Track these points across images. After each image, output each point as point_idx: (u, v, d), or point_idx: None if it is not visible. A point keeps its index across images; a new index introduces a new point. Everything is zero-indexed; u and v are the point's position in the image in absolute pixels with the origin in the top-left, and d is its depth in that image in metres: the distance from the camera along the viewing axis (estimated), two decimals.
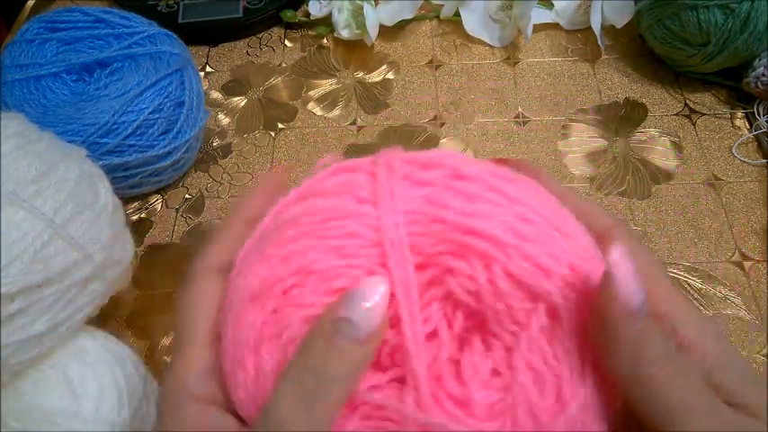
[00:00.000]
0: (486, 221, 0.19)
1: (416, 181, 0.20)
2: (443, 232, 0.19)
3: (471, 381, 0.19)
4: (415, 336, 0.18)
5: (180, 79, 0.47)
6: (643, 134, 0.53)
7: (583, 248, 0.20)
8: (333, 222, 0.20)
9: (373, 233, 0.19)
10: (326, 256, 0.19)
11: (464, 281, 0.19)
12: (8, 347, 0.31)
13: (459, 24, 0.61)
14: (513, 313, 0.19)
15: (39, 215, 0.32)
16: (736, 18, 0.48)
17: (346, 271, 0.19)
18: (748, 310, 0.43)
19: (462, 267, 0.19)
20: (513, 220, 0.19)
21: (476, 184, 0.20)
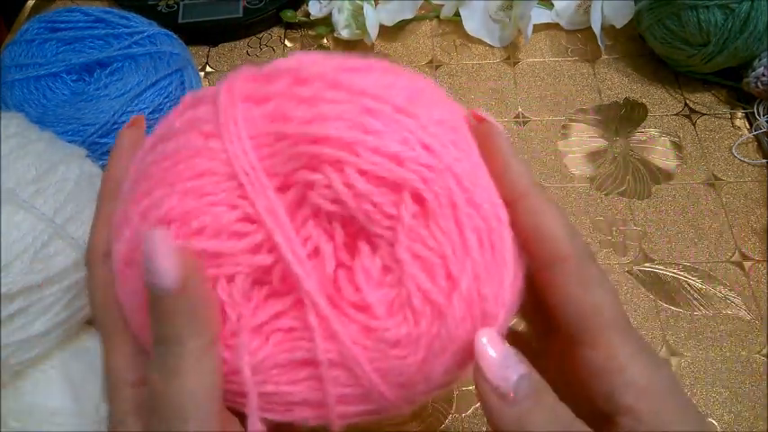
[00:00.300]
0: (328, 125, 0.18)
1: (259, 98, 0.20)
2: (291, 147, 0.19)
3: (366, 284, 0.19)
4: (298, 258, 0.18)
5: (180, 79, 0.47)
6: (643, 134, 0.53)
7: (434, 122, 0.19)
8: (181, 165, 0.19)
9: (224, 166, 0.19)
10: (182, 201, 0.19)
11: (324, 191, 0.19)
12: (8, 347, 0.31)
13: (459, 24, 0.61)
14: (382, 209, 0.18)
15: (39, 215, 0.32)
16: (736, 18, 0.48)
17: (207, 209, 0.18)
18: (748, 310, 0.43)
19: (318, 179, 0.19)
20: (356, 115, 0.18)
21: (317, 84, 0.19)
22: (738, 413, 0.39)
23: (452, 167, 0.18)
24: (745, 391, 0.39)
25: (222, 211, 0.18)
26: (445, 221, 0.18)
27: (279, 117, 0.19)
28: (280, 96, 0.19)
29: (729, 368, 0.40)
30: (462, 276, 0.18)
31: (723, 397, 0.39)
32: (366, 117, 0.18)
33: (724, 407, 0.39)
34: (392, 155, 0.18)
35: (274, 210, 0.18)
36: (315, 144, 0.18)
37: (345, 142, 0.18)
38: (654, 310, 0.43)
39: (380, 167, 0.18)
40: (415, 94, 0.20)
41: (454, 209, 0.18)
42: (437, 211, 0.18)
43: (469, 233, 0.18)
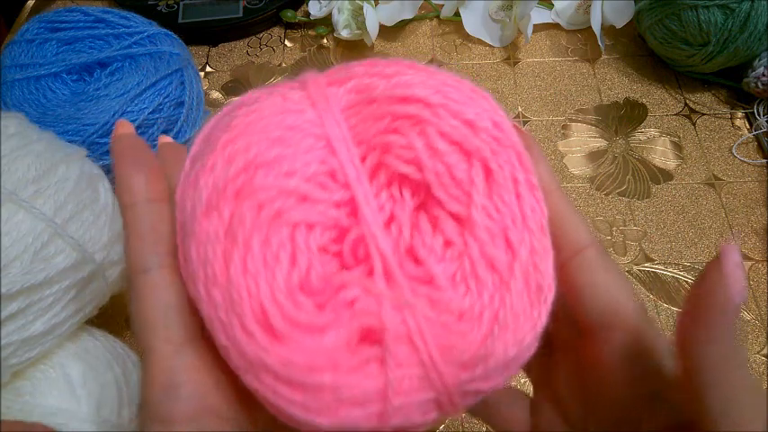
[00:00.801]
0: (412, 88, 0.19)
1: (341, 80, 0.20)
2: (377, 110, 0.19)
3: (428, 259, 0.19)
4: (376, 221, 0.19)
5: (180, 79, 0.47)
6: (643, 134, 0.53)
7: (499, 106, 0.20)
8: (272, 119, 0.19)
9: (314, 127, 0.19)
10: (272, 148, 0.18)
11: (402, 152, 0.19)
12: (8, 347, 0.31)
13: (459, 24, 0.61)
14: (453, 173, 0.19)
15: (39, 215, 0.32)
16: (736, 18, 0.48)
17: (299, 156, 0.19)
18: (748, 310, 0.43)
19: (398, 140, 0.19)
20: (436, 83, 0.20)
21: (395, 66, 0.20)
22: None
23: (516, 146, 0.20)
24: None
25: (312, 161, 0.19)
26: (508, 194, 0.19)
27: (364, 88, 0.20)
28: (362, 75, 0.20)
29: None
30: (521, 247, 0.19)
31: None
32: (446, 88, 0.20)
33: None
34: (469, 121, 0.19)
35: (359, 174, 0.19)
36: (399, 103, 0.19)
37: (428, 102, 0.19)
38: (654, 310, 0.43)
39: (458, 132, 0.19)
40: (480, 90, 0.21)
41: (516, 183, 0.19)
42: (502, 183, 0.19)
43: (527, 209, 0.19)
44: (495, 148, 0.19)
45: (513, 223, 0.19)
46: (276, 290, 0.17)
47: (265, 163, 0.18)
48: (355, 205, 0.19)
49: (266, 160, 0.18)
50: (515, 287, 0.18)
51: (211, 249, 0.18)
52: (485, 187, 0.19)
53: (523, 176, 0.19)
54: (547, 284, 0.19)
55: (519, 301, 0.18)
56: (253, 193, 0.18)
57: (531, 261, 0.19)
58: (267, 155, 0.18)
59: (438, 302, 0.18)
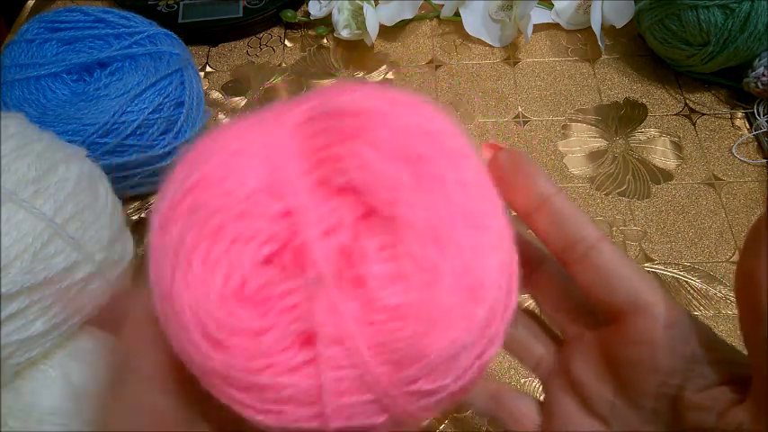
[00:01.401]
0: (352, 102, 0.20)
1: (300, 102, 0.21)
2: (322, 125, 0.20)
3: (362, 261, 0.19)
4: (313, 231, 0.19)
5: (180, 79, 0.47)
6: (643, 134, 0.53)
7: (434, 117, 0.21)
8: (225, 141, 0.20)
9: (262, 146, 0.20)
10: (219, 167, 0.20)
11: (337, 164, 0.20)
12: (8, 347, 0.31)
13: (459, 24, 0.61)
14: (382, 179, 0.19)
15: (39, 215, 0.32)
16: (736, 18, 0.48)
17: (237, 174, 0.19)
18: None
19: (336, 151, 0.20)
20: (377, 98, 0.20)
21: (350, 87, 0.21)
22: None
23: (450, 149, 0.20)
24: None
25: (254, 176, 0.19)
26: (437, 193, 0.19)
27: (316, 106, 0.21)
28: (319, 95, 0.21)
29: None
30: (450, 246, 0.18)
31: None
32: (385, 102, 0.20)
33: None
34: (399, 128, 0.20)
35: (298, 186, 0.19)
36: (339, 117, 0.20)
37: (365, 113, 0.20)
38: None
39: (388, 140, 0.19)
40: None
41: (445, 183, 0.19)
42: (430, 183, 0.19)
43: (459, 207, 0.19)
44: (425, 151, 0.19)
45: (443, 222, 0.19)
46: (211, 302, 0.18)
47: (211, 182, 0.19)
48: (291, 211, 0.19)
49: (212, 179, 0.19)
50: (444, 285, 0.18)
51: (161, 266, 0.19)
52: (413, 187, 0.19)
53: (455, 176, 0.19)
54: (486, 282, 0.19)
55: (449, 299, 0.18)
56: (196, 210, 0.19)
57: (464, 259, 0.19)
58: (214, 174, 0.19)
59: (370, 303, 0.18)
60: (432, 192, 0.19)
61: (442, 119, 0.21)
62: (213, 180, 0.19)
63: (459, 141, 0.20)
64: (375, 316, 0.18)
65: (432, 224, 0.19)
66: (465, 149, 0.20)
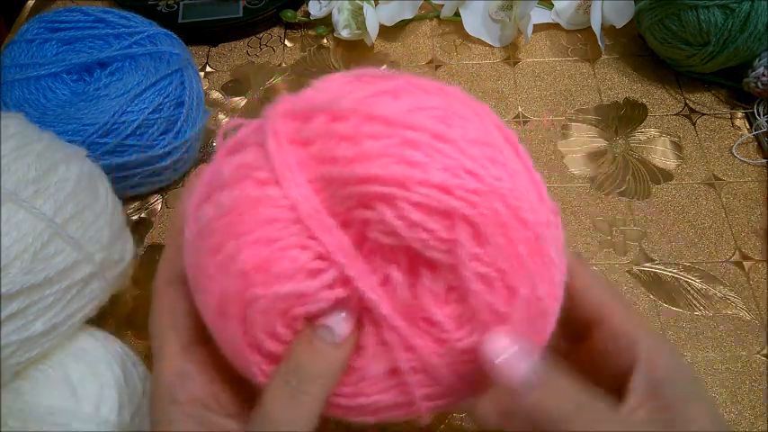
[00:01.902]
0: (372, 164, 0.19)
1: (303, 141, 0.20)
2: (342, 188, 0.19)
3: (433, 304, 0.20)
4: (370, 287, 0.20)
5: (180, 79, 0.47)
6: (643, 134, 0.53)
7: (471, 142, 0.20)
8: (245, 216, 0.20)
9: (288, 212, 0.20)
10: (256, 251, 0.20)
11: (380, 227, 0.20)
12: (8, 347, 0.31)
13: (459, 24, 0.61)
14: (437, 236, 0.19)
15: (39, 215, 0.32)
16: (736, 18, 0.48)
17: (281, 254, 0.19)
18: (748, 310, 0.43)
19: (372, 215, 0.19)
20: (398, 149, 0.19)
21: (353, 119, 0.20)
22: (738, 413, 0.39)
23: (496, 189, 0.19)
24: (745, 391, 0.39)
25: (296, 254, 0.19)
26: (497, 239, 0.19)
27: (326, 159, 0.20)
28: (321, 137, 0.20)
29: (729, 368, 0.40)
30: (520, 286, 0.20)
31: (723, 397, 0.39)
32: (407, 150, 0.19)
33: (724, 407, 0.39)
34: (439, 185, 0.19)
35: (342, 246, 0.20)
36: (363, 184, 0.19)
37: (392, 178, 0.19)
38: (654, 310, 0.43)
39: (430, 198, 0.19)
40: (447, 114, 0.20)
41: (504, 228, 0.19)
42: (488, 231, 0.19)
43: (521, 247, 0.20)
44: (473, 200, 0.19)
45: (509, 265, 0.20)
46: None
47: (255, 267, 0.20)
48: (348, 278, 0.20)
49: (255, 264, 0.20)
50: (516, 320, 0.20)
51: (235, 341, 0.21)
52: (471, 241, 0.19)
53: (510, 216, 0.19)
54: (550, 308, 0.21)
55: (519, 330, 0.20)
56: (255, 301, 0.20)
57: (532, 294, 0.20)
58: (253, 259, 0.20)
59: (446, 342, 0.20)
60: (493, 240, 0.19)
61: (467, 155, 0.20)
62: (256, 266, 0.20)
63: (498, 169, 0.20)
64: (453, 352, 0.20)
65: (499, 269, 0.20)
66: (499, 157, 0.20)
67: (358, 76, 0.22)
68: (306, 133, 0.20)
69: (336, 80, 0.22)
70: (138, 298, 0.45)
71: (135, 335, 0.43)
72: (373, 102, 0.20)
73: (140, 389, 0.35)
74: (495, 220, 0.19)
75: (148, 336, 0.43)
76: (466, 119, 0.21)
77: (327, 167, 0.20)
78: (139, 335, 0.43)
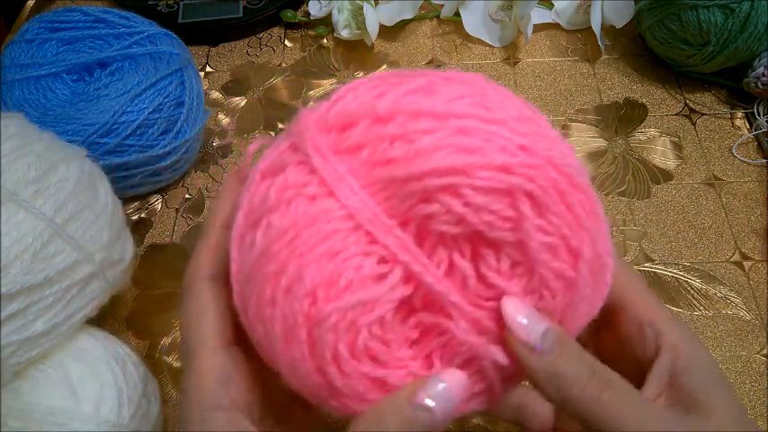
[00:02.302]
0: (432, 158, 0.19)
1: (348, 149, 0.20)
2: (403, 187, 0.20)
3: (500, 280, 0.21)
4: (436, 278, 0.20)
5: (180, 79, 0.47)
6: (643, 134, 0.53)
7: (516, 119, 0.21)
8: (304, 235, 0.20)
9: (346, 221, 0.20)
10: (321, 268, 0.19)
11: (445, 218, 0.20)
12: (8, 347, 0.31)
13: (459, 24, 0.61)
14: (502, 215, 0.20)
15: (39, 215, 0.32)
16: (736, 18, 0.48)
17: (346, 265, 0.19)
18: (748, 310, 0.43)
19: (437, 208, 0.20)
20: (452, 139, 0.20)
21: (399, 119, 0.20)
22: None
23: (550, 159, 0.20)
24: (745, 391, 0.39)
25: (359, 262, 0.20)
26: (557, 207, 0.20)
27: (380, 162, 0.20)
28: (370, 141, 0.20)
29: (729, 368, 0.40)
30: (583, 247, 0.21)
31: None
32: (463, 138, 0.20)
33: None
34: (500, 167, 0.19)
35: (404, 244, 0.20)
36: (426, 178, 0.19)
37: (452, 168, 0.19)
38: None
39: (492, 180, 0.19)
40: (485, 98, 0.21)
41: (562, 195, 0.20)
42: (549, 201, 0.20)
43: (578, 209, 0.21)
44: (532, 174, 0.20)
45: (571, 230, 0.20)
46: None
47: (323, 284, 0.19)
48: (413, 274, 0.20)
49: (322, 282, 0.19)
50: (583, 281, 0.21)
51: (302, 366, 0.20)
52: (534, 213, 0.20)
53: (566, 183, 0.20)
54: (608, 262, 0.22)
55: (585, 291, 0.21)
56: (325, 319, 0.19)
57: (594, 252, 0.21)
58: (320, 277, 0.19)
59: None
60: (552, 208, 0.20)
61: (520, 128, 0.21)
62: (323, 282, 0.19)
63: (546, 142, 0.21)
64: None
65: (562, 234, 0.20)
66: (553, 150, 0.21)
67: (381, 78, 0.22)
68: (350, 141, 0.20)
69: (361, 86, 0.22)
70: (138, 298, 0.45)
71: (135, 335, 0.43)
72: (413, 99, 0.20)
73: (140, 389, 0.35)
74: (553, 189, 0.20)
75: (148, 335, 0.43)
76: (501, 100, 0.21)
77: (384, 169, 0.20)
78: (139, 335, 0.43)
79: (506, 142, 0.20)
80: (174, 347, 0.43)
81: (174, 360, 0.42)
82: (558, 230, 0.20)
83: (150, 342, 0.43)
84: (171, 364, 0.42)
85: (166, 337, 0.43)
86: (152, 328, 0.44)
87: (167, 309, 0.45)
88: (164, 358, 0.42)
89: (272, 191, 0.21)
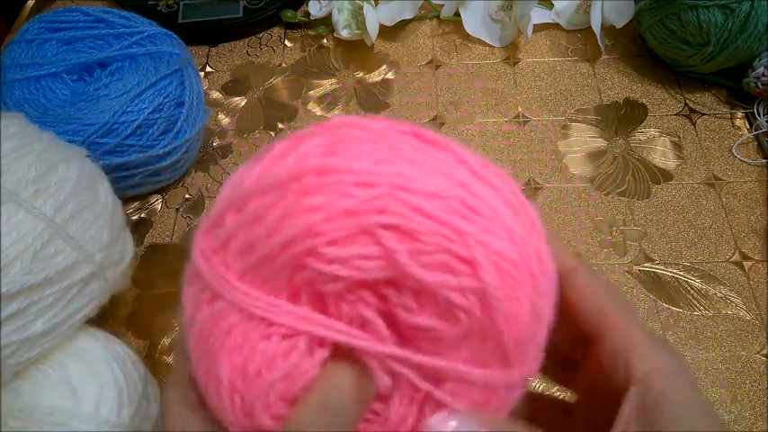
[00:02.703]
0: (280, 230, 0.19)
1: (222, 245, 0.20)
2: (272, 265, 0.19)
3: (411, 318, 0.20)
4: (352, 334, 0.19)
5: (180, 79, 0.47)
6: (643, 134, 0.53)
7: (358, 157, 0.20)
8: (211, 339, 0.20)
9: (239, 315, 0.20)
10: (231, 363, 0.20)
11: (322, 278, 0.19)
12: (8, 347, 0.31)
13: (459, 24, 0.61)
14: (371, 257, 0.19)
15: (39, 215, 0.32)
16: (736, 18, 0.48)
17: (253, 353, 0.20)
18: (748, 310, 0.43)
19: (309, 274, 0.19)
20: (296, 204, 0.19)
21: (253, 201, 0.20)
22: (738, 413, 0.39)
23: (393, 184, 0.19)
24: (745, 391, 0.39)
25: (264, 346, 0.19)
26: (423, 226, 0.19)
27: (244, 250, 0.20)
28: (235, 232, 0.20)
29: (729, 368, 0.40)
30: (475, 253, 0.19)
31: (723, 397, 0.39)
32: (305, 199, 0.19)
33: (724, 407, 0.39)
34: (343, 212, 0.19)
35: (301, 316, 0.19)
36: (285, 251, 0.19)
37: (303, 232, 0.19)
38: (654, 310, 0.43)
39: (341, 229, 0.19)
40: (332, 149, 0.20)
41: (422, 212, 0.19)
42: (413, 224, 0.19)
43: (449, 217, 0.19)
44: (378, 206, 0.19)
45: (451, 239, 0.19)
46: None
47: (236, 378, 0.20)
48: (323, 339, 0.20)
49: (235, 377, 0.20)
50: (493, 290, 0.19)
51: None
52: (399, 242, 0.19)
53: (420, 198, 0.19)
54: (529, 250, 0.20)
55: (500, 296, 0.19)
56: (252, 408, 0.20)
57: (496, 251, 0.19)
58: (232, 373, 0.20)
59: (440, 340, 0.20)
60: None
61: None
62: (238, 374, 0.20)
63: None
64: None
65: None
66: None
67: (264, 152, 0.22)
68: (222, 238, 0.20)
69: (241, 169, 0.21)
70: (138, 298, 0.45)
71: (135, 335, 0.43)
72: (261, 174, 0.20)
73: (140, 389, 0.35)
74: (409, 210, 0.19)
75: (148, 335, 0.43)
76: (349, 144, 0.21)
77: (251, 256, 0.20)
78: (139, 335, 0.43)
79: (346, 187, 0.19)
80: (174, 347, 0.43)
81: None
82: (436, 247, 0.18)
83: (150, 342, 0.43)
84: (171, 364, 0.42)
85: (166, 337, 0.43)
86: (152, 328, 0.44)
87: (167, 309, 0.45)
88: (164, 358, 0.42)
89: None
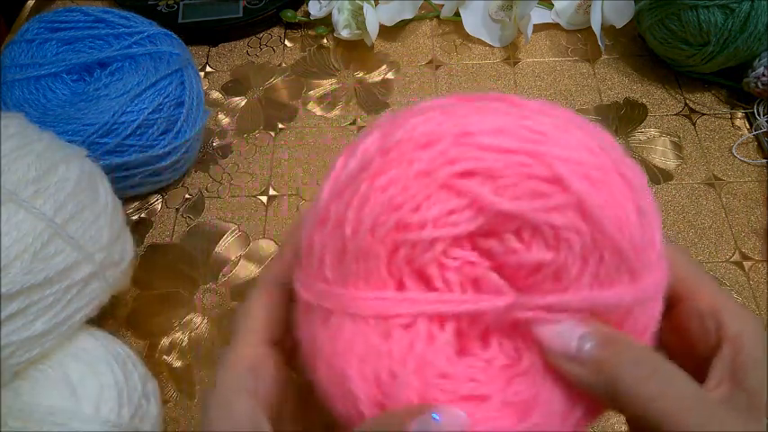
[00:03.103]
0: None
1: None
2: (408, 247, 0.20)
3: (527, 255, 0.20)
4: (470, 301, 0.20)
5: (180, 79, 0.47)
6: (643, 134, 0.53)
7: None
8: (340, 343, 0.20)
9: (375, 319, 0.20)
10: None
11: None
12: (8, 347, 0.31)
13: (459, 24, 0.61)
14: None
15: (39, 215, 0.32)
16: (736, 18, 0.48)
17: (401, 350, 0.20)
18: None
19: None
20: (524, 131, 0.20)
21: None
22: None
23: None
24: None
25: (390, 348, 0.19)
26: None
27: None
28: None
29: None
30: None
31: None
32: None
33: None
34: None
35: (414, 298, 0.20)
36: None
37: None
38: None
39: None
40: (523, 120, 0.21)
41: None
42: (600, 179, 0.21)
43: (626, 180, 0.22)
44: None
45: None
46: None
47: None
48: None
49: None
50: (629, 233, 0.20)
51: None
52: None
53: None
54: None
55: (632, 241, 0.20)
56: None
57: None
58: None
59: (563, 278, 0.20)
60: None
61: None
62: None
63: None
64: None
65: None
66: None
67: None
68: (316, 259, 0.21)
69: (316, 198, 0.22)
70: (138, 298, 0.45)
71: (135, 335, 0.43)
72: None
73: (140, 389, 0.35)
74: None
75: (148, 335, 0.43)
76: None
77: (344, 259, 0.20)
78: (139, 335, 0.43)
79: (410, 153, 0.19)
80: (174, 347, 0.43)
81: (174, 360, 0.42)
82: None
83: (150, 342, 0.43)
84: (171, 364, 0.42)
85: (166, 337, 0.43)
86: (152, 328, 0.44)
87: (167, 309, 0.45)
88: (164, 358, 0.42)
89: (305, 342, 0.21)
